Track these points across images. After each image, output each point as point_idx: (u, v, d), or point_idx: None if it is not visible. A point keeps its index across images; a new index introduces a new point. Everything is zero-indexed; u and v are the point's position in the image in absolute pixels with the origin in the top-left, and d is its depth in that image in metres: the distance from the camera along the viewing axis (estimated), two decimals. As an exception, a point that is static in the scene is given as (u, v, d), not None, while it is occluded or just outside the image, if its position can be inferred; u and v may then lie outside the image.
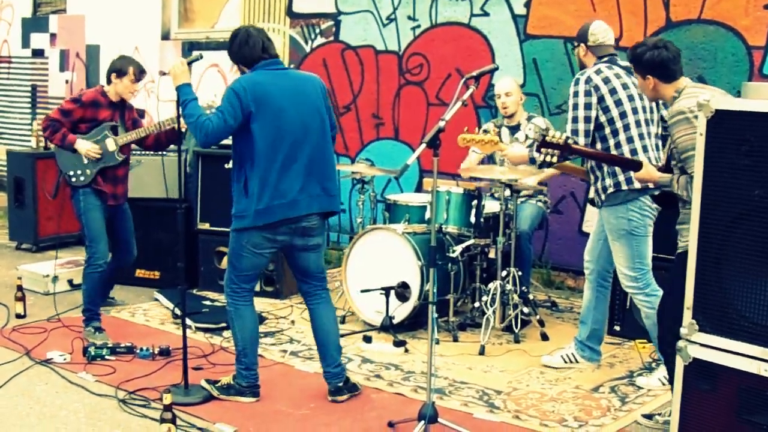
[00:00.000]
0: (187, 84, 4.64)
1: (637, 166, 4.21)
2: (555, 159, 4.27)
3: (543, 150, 4.20)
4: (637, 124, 4.86)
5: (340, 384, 4.75)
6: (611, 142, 4.87)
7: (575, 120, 4.87)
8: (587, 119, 4.86)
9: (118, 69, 5.76)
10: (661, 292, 4.79)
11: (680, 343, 3.16)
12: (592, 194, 5.07)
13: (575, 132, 4.85)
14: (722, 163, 2.99)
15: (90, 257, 5.75)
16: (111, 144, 5.79)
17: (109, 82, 5.82)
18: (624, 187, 4.80)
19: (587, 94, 4.86)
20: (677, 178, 3.93)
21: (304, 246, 4.66)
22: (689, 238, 3.14)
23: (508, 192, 5.91)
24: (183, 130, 4.95)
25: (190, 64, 4.72)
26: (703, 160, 3.04)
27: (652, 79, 4.16)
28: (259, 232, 4.53)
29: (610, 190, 4.85)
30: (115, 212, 5.92)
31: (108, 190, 5.80)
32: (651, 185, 4.43)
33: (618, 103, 4.85)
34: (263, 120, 4.45)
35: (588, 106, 4.85)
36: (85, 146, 5.71)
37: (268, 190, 4.45)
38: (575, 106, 4.88)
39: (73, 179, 5.73)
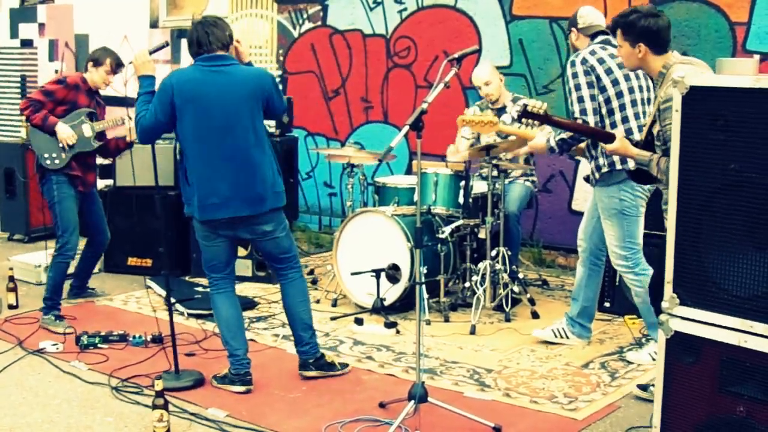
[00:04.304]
0: (148, 76, 4.64)
1: (610, 138, 4.13)
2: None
3: (524, 120, 4.21)
4: (633, 103, 4.83)
5: (310, 360, 4.82)
6: (607, 121, 4.85)
7: (581, 100, 4.84)
8: (592, 97, 4.84)
9: (96, 58, 5.88)
10: (651, 271, 4.81)
11: (662, 317, 3.19)
12: (588, 172, 5.07)
13: (584, 112, 4.82)
14: (698, 139, 3.01)
15: (62, 246, 5.82)
16: (87, 130, 5.87)
17: (86, 69, 5.92)
18: (618, 167, 4.78)
19: (586, 73, 4.84)
20: (658, 160, 3.86)
21: (254, 237, 4.69)
22: (668, 213, 3.17)
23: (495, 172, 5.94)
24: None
25: (152, 53, 4.75)
26: (679, 136, 3.07)
27: (643, 47, 4.02)
28: (202, 224, 4.61)
29: (605, 169, 4.85)
30: (84, 198, 5.98)
31: (80, 174, 5.86)
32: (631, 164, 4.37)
33: (615, 82, 4.83)
34: (188, 116, 4.48)
35: (590, 85, 4.83)
36: (64, 132, 5.73)
37: (203, 186, 4.50)
38: (578, 87, 4.86)
39: (47, 161, 5.76)
